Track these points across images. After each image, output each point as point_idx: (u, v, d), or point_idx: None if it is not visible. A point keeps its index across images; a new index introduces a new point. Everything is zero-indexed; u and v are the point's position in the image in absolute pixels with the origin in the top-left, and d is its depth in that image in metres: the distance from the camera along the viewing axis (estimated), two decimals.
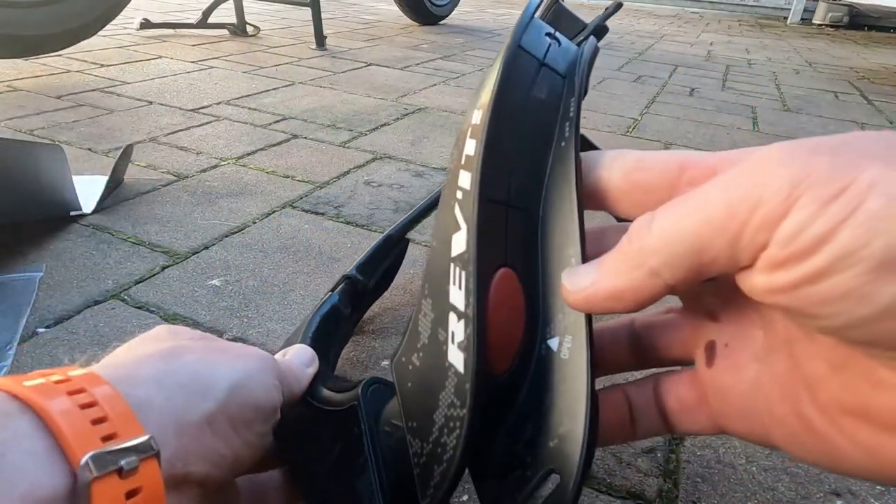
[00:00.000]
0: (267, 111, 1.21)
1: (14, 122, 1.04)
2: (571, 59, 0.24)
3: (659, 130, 1.30)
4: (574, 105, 0.22)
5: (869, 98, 1.86)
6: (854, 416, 0.16)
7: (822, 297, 0.13)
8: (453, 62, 1.90)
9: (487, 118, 0.20)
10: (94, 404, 0.17)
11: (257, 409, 0.22)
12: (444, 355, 0.19)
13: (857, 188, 0.12)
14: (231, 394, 0.21)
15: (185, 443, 0.19)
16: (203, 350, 0.22)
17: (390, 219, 0.78)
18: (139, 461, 0.17)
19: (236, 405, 0.21)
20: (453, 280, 0.20)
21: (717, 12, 5.21)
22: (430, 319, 0.21)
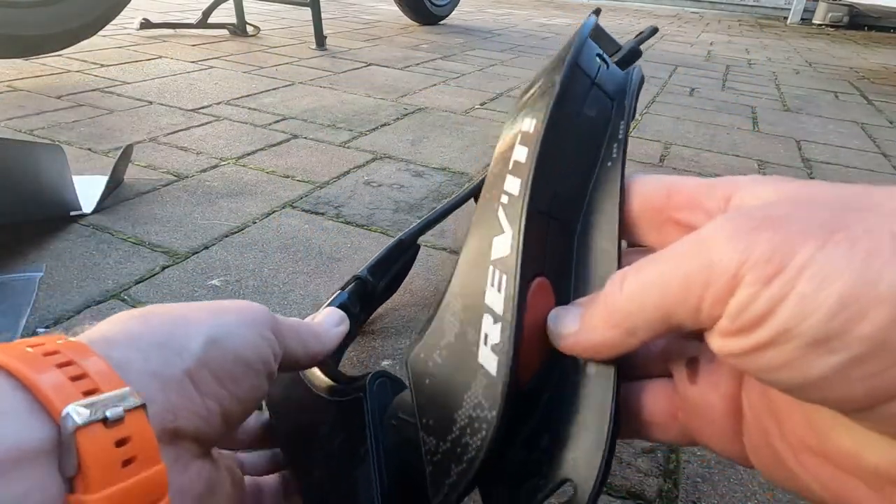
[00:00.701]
0: (267, 111, 1.21)
1: (14, 122, 1.04)
2: (618, 81, 0.24)
3: (659, 130, 1.30)
4: (623, 128, 0.23)
5: (869, 98, 1.86)
6: (816, 455, 0.16)
7: (767, 364, 0.15)
8: (453, 62, 1.90)
9: (543, 128, 0.21)
10: (72, 363, 0.17)
11: (242, 363, 0.22)
12: (473, 356, 0.19)
13: (791, 270, 0.14)
14: (210, 348, 0.20)
15: (170, 398, 0.19)
16: (177, 308, 0.22)
17: (390, 219, 0.78)
18: (124, 411, 0.16)
19: (217, 359, 0.21)
20: (492, 282, 0.20)
21: (717, 12, 5.21)
22: (458, 319, 0.21)
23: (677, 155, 1.14)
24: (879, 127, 1.50)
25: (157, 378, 0.19)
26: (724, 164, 1.10)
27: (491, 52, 2.16)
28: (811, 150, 1.25)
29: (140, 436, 0.17)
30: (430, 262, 0.68)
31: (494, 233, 0.20)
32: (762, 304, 0.14)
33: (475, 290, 0.20)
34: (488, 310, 0.19)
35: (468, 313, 0.20)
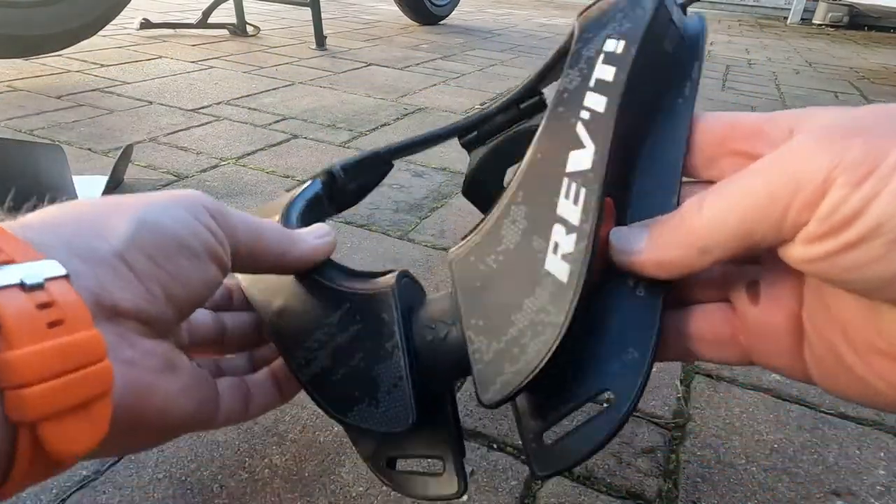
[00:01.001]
0: (267, 111, 1.22)
1: (14, 122, 1.04)
2: (688, 24, 0.25)
3: None
4: (697, 67, 0.24)
5: (869, 98, 1.86)
6: (886, 357, 0.17)
7: (854, 263, 0.15)
8: (453, 62, 1.90)
9: (634, 50, 0.21)
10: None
11: (177, 242, 0.20)
12: (538, 262, 0.20)
13: (885, 169, 0.14)
14: (139, 228, 0.19)
15: (99, 274, 0.18)
16: (104, 200, 0.21)
17: (390, 219, 0.78)
18: (44, 280, 0.16)
19: (149, 240, 0.19)
20: (566, 194, 0.20)
21: (717, 12, 5.21)
22: (520, 227, 0.21)
23: None
24: None
25: (81, 255, 0.18)
26: None
27: (491, 52, 2.16)
28: None
29: (65, 301, 0.16)
30: (430, 263, 0.68)
31: (571, 147, 0.21)
32: (855, 203, 0.15)
33: (544, 200, 0.21)
34: (561, 220, 0.20)
35: (534, 223, 0.21)
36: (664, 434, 0.45)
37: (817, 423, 0.48)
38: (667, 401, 0.49)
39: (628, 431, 0.45)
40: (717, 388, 0.51)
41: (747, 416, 0.48)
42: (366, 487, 0.39)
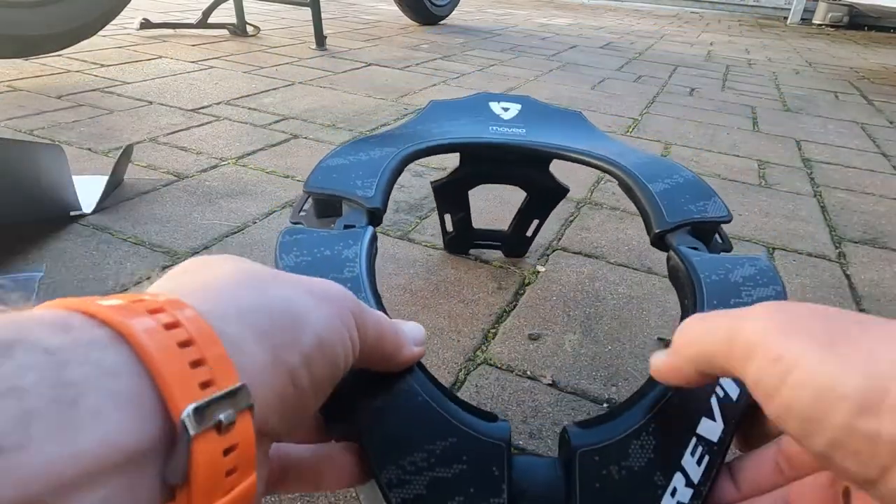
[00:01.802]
0: (267, 111, 1.22)
1: (14, 122, 1.04)
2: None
3: (659, 130, 1.30)
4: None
5: (869, 98, 1.86)
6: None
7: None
8: (453, 62, 1.90)
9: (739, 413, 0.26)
10: (192, 343, 0.14)
11: (334, 366, 0.19)
12: (656, 497, 0.23)
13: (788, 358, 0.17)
14: (316, 346, 0.18)
15: (268, 396, 0.16)
16: (286, 284, 0.19)
17: (390, 219, 0.78)
18: (236, 415, 0.14)
19: (318, 361, 0.18)
20: (692, 452, 0.23)
21: (717, 12, 5.21)
22: (647, 456, 0.24)
23: (677, 155, 1.14)
24: (879, 127, 1.50)
25: (267, 372, 0.16)
26: (724, 164, 1.10)
27: (491, 52, 2.16)
28: (811, 150, 1.25)
29: (245, 443, 0.15)
30: (429, 263, 0.68)
31: (705, 414, 0.24)
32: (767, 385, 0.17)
33: (673, 446, 0.23)
34: (683, 470, 0.23)
35: (661, 460, 0.23)
36: None
37: None
38: None
39: None
40: None
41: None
42: None
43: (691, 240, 0.38)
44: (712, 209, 0.40)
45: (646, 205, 0.41)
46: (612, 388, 0.50)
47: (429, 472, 0.23)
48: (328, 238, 0.33)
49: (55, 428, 0.12)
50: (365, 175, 0.41)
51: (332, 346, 0.19)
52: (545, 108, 0.56)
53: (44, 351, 0.13)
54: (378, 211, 0.38)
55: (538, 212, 0.66)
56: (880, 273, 0.73)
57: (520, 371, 0.51)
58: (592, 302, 0.63)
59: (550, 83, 1.70)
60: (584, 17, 3.96)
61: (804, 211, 0.92)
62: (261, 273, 0.19)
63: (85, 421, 0.12)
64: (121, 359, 0.13)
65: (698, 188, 0.43)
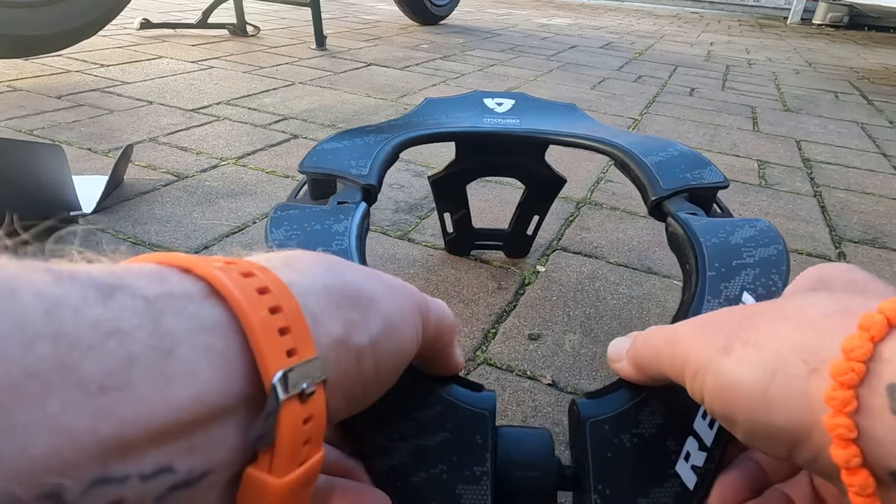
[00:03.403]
0: (267, 111, 1.21)
1: (14, 122, 1.04)
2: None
3: (659, 131, 1.30)
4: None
5: (869, 98, 1.86)
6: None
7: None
8: (453, 62, 1.90)
9: None
10: (280, 310, 0.15)
11: (401, 355, 0.19)
12: (670, 462, 0.23)
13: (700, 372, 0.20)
14: (384, 331, 0.18)
15: (336, 371, 0.17)
16: (361, 271, 0.20)
17: (390, 219, 0.78)
18: (315, 386, 0.15)
19: (385, 346, 0.18)
20: (703, 415, 0.23)
21: (717, 12, 5.21)
22: (657, 422, 0.23)
23: None
24: (879, 127, 1.50)
25: (337, 348, 0.17)
26: (724, 164, 1.10)
27: (491, 52, 2.16)
28: (811, 150, 1.25)
29: (319, 415, 0.15)
30: (429, 263, 0.68)
31: None
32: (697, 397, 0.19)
33: (684, 410, 0.23)
34: (695, 434, 0.23)
35: (672, 425, 0.23)
36: None
37: None
38: None
39: None
40: None
41: None
42: None
43: (690, 206, 0.37)
44: (709, 176, 0.40)
45: (641, 176, 0.41)
46: None
47: (413, 440, 0.23)
48: (319, 213, 0.33)
49: (153, 375, 0.12)
50: (359, 156, 0.41)
51: (400, 334, 0.19)
52: (538, 102, 0.56)
53: (143, 298, 0.13)
54: (372, 188, 0.38)
55: (538, 205, 0.66)
56: (880, 273, 0.73)
57: (520, 371, 0.51)
58: (592, 302, 0.63)
59: (550, 83, 1.70)
60: (584, 17, 3.96)
61: (804, 211, 0.92)
62: (338, 260, 0.20)
63: (179, 372, 0.12)
64: (215, 314, 0.14)
65: (693, 158, 0.43)
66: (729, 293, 0.27)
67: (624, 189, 0.94)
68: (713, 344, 0.19)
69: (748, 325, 0.18)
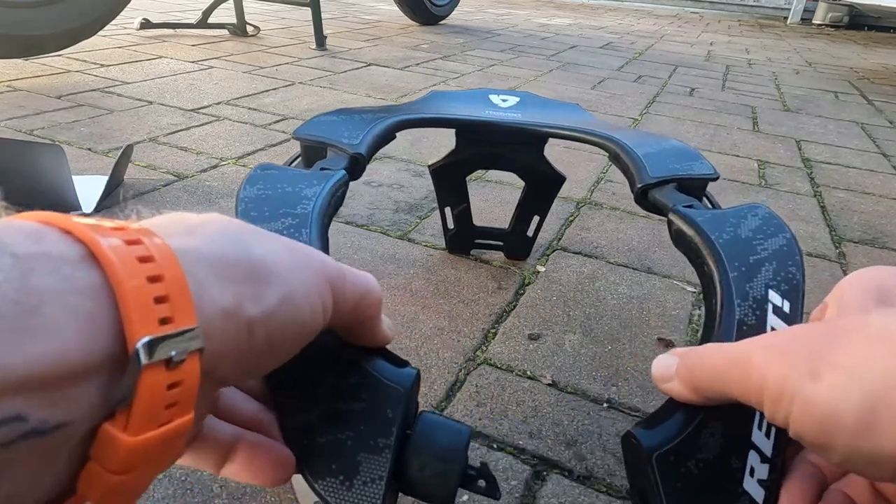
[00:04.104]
0: (267, 111, 1.22)
1: (14, 122, 1.04)
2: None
3: (659, 131, 1.30)
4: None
5: (869, 98, 1.86)
6: None
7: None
8: (453, 62, 1.90)
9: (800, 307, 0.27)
10: (160, 279, 0.15)
11: (301, 328, 0.20)
12: (737, 481, 0.23)
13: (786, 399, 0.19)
14: (280, 304, 0.19)
15: (223, 342, 0.17)
16: (267, 241, 0.20)
17: (390, 219, 0.78)
18: (186, 354, 0.15)
19: (281, 319, 0.19)
20: (759, 425, 0.23)
21: (717, 12, 5.21)
22: (718, 442, 0.23)
23: None
24: (879, 127, 1.50)
25: (224, 318, 0.17)
26: (724, 164, 1.10)
27: (491, 52, 2.16)
28: (811, 150, 1.25)
29: (189, 382, 0.15)
30: (429, 263, 0.68)
31: None
32: (780, 420, 0.19)
33: (741, 424, 0.23)
34: (755, 447, 0.23)
35: (733, 442, 0.23)
36: None
37: None
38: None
39: None
40: None
41: None
42: None
43: (684, 197, 0.37)
44: (698, 168, 0.40)
45: (630, 165, 0.41)
46: (613, 388, 0.50)
47: (325, 404, 0.24)
48: (296, 176, 0.33)
49: (11, 330, 0.12)
50: (353, 129, 0.42)
51: (300, 307, 0.19)
52: (543, 100, 0.56)
53: (11, 255, 0.13)
54: (361, 157, 0.39)
55: (537, 204, 0.66)
56: None
57: (520, 371, 0.52)
58: (592, 302, 0.63)
59: (550, 83, 1.70)
60: (584, 17, 3.96)
61: (804, 211, 0.92)
62: (246, 229, 0.20)
63: (41, 329, 0.13)
64: (88, 278, 0.14)
65: (684, 151, 0.43)
66: (755, 293, 0.27)
67: (624, 189, 0.94)
68: (796, 368, 0.18)
69: (832, 348, 0.18)
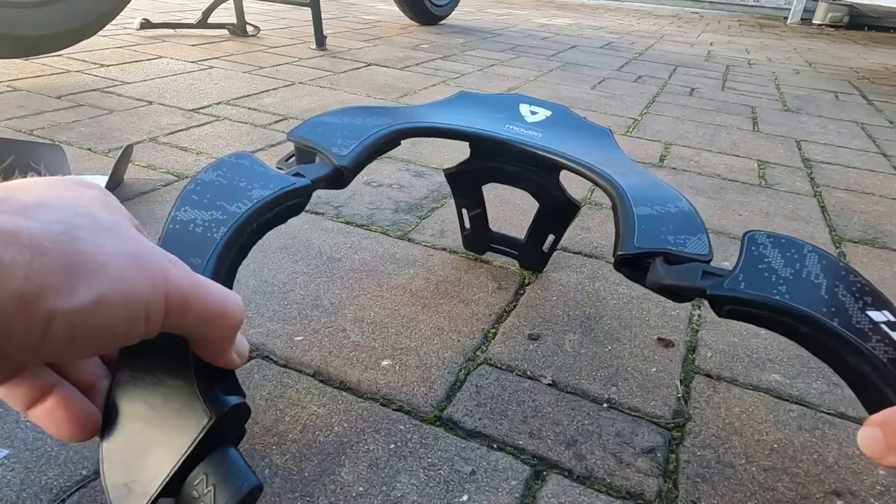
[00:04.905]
0: (267, 111, 1.22)
1: (14, 122, 1.04)
2: None
3: (659, 130, 1.30)
4: None
5: (869, 98, 1.86)
6: None
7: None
8: (453, 62, 1.90)
9: None
10: None
11: (107, 336, 0.19)
12: None
13: None
14: (90, 307, 0.18)
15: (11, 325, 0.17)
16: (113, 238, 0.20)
17: (390, 219, 0.78)
18: None
19: (88, 320, 0.18)
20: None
21: (717, 12, 5.21)
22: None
23: (677, 155, 1.14)
24: (879, 127, 1.50)
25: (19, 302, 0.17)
26: (724, 164, 1.10)
27: (491, 52, 2.16)
28: (811, 150, 1.25)
29: None
30: (429, 263, 0.68)
31: None
32: None
33: None
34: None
35: None
36: (664, 434, 0.45)
37: (817, 423, 0.48)
38: (667, 401, 0.49)
39: (628, 431, 0.45)
40: (717, 388, 0.51)
41: (747, 416, 0.48)
42: (366, 487, 0.39)
43: (672, 269, 0.34)
44: (692, 245, 0.36)
45: (621, 225, 0.38)
46: (613, 388, 0.50)
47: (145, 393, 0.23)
48: (258, 173, 0.32)
49: None
50: (348, 136, 0.41)
51: (112, 312, 0.19)
52: (574, 120, 0.53)
53: None
54: (345, 170, 0.38)
55: (551, 225, 0.63)
56: (880, 273, 0.73)
57: (520, 371, 0.52)
58: (592, 302, 0.63)
59: (550, 83, 1.70)
60: (584, 17, 3.96)
61: (804, 211, 0.92)
62: (90, 223, 0.19)
63: None
64: None
65: (687, 221, 0.39)
66: (862, 325, 0.26)
67: None
68: None
69: None
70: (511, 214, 0.82)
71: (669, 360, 0.54)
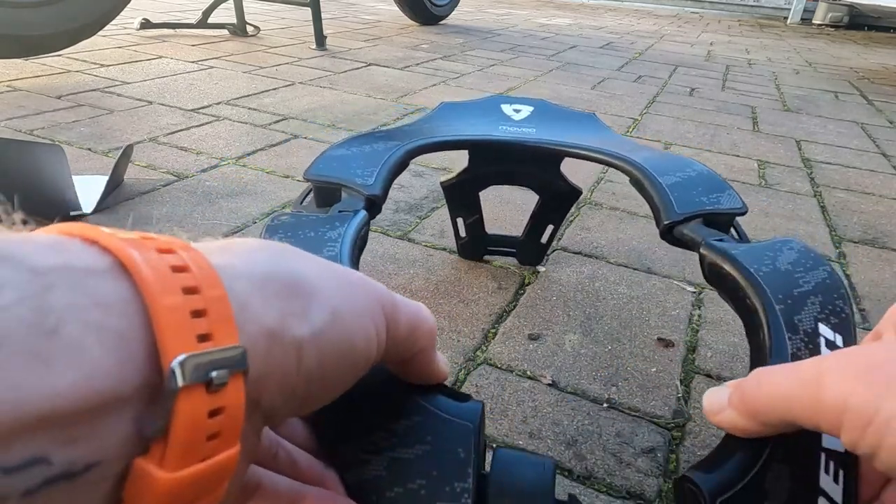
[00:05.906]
0: (267, 111, 1.22)
1: (14, 122, 1.04)
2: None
3: (659, 130, 1.30)
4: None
5: (869, 98, 1.86)
6: None
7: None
8: (453, 62, 1.90)
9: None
10: (197, 291, 0.13)
11: (352, 353, 0.18)
12: None
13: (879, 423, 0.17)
14: (329, 324, 0.17)
15: (268, 365, 0.15)
16: (312, 261, 0.18)
17: (390, 219, 0.78)
18: (229, 376, 0.13)
19: (331, 340, 0.17)
20: (826, 470, 0.22)
21: (717, 12, 5.21)
22: (786, 487, 0.22)
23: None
24: (879, 127, 1.50)
25: (269, 337, 0.15)
26: (724, 164, 1.10)
27: (491, 52, 2.16)
28: (811, 150, 1.25)
29: (233, 408, 0.13)
30: (429, 263, 0.68)
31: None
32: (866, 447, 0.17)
33: (806, 470, 0.22)
34: (824, 493, 0.22)
35: (800, 488, 0.22)
36: (664, 434, 0.45)
37: None
38: (667, 401, 0.49)
39: (628, 431, 0.45)
40: None
41: None
42: None
43: (711, 231, 0.35)
44: (726, 201, 0.38)
45: (655, 197, 0.40)
46: (613, 388, 0.50)
47: (389, 452, 0.21)
48: (315, 220, 0.32)
49: (27, 357, 0.10)
50: (366, 165, 0.41)
51: (350, 328, 0.17)
52: (557, 110, 0.55)
53: (29, 270, 0.11)
54: (377, 198, 0.38)
55: (552, 216, 0.64)
56: (880, 273, 0.73)
57: (520, 371, 0.52)
58: (592, 302, 0.63)
59: (550, 83, 1.70)
60: (584, 17, 3.96)
61: (804, 211, 0.92)
62: (286, 248, 0.18)
63: (62, 354, 0.11)
64: (116, 291, 0.12)
65: (711, 180, 0.41)
66: (805, 327, 0.26)
67: (624, 189, 0.94)
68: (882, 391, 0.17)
69: None
70: (511, 214, 0.82)
71: (669, 360, 0.54)
